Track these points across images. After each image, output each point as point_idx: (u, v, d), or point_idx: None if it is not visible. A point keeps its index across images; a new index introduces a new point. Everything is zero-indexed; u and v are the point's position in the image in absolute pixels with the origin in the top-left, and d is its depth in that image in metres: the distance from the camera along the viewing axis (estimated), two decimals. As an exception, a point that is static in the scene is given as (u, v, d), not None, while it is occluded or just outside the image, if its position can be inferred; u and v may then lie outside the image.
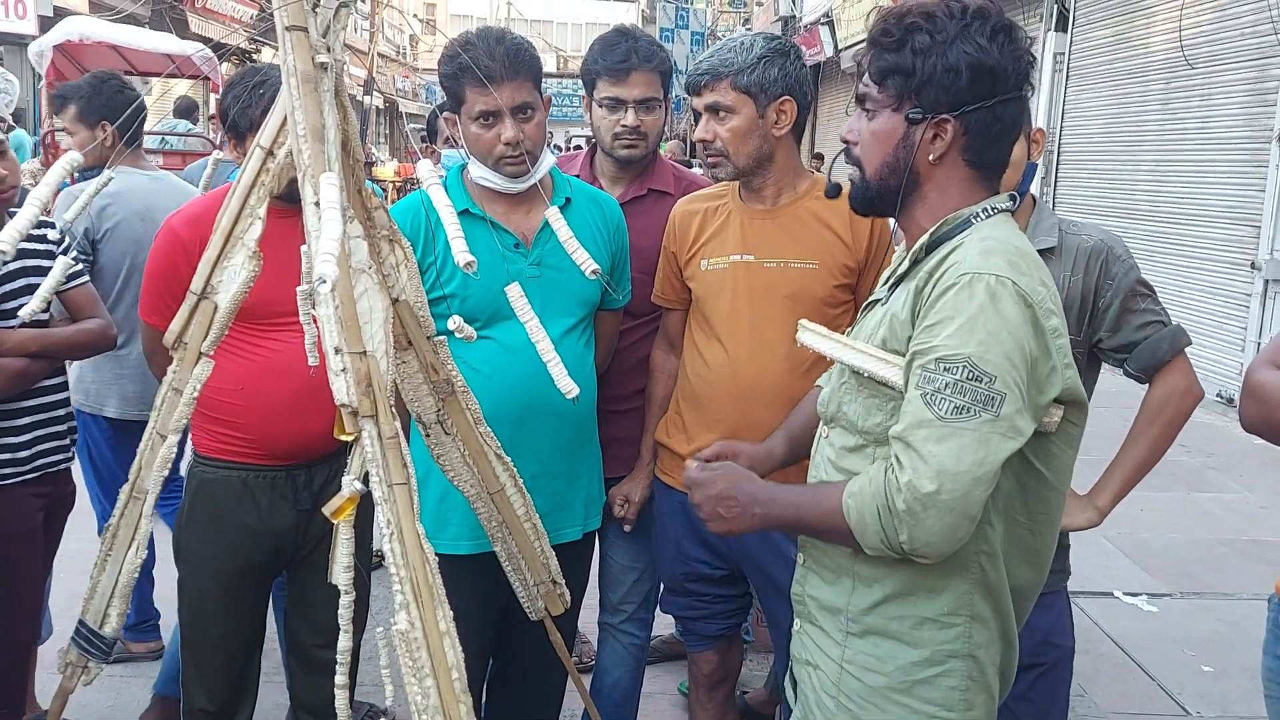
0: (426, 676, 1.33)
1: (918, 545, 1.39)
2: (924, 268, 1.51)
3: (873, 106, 1.56)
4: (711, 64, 2.25)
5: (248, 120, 2.28)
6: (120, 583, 1.65)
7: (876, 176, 1.57)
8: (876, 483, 1.42)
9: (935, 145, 1.52)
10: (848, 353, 1.55)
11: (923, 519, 1.37)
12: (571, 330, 2.34)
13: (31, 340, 2.44)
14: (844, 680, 1.58)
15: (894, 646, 1.54)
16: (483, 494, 1.94)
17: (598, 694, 2.75)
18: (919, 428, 1.39)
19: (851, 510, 1.45)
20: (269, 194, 1.55)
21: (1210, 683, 3.63)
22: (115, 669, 3.39)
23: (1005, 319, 1.39)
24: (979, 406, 1.37)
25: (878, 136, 1.55)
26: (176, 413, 1.57)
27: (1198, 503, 5.59)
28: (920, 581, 1.51)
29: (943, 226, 1.53)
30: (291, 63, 1.41)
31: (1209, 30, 8.06)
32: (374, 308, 1.44)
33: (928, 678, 1.53)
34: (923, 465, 1.37)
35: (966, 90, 1.48)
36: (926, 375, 1.40)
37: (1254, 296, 7.39)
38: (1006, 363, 1.38)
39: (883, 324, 1.55)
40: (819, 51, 17.63)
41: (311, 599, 2.42)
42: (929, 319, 1.43)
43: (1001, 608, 1.56)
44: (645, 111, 2.57)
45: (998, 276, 1.41)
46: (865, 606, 1.56)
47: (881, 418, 1.51)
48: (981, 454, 1.37)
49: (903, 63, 1.51)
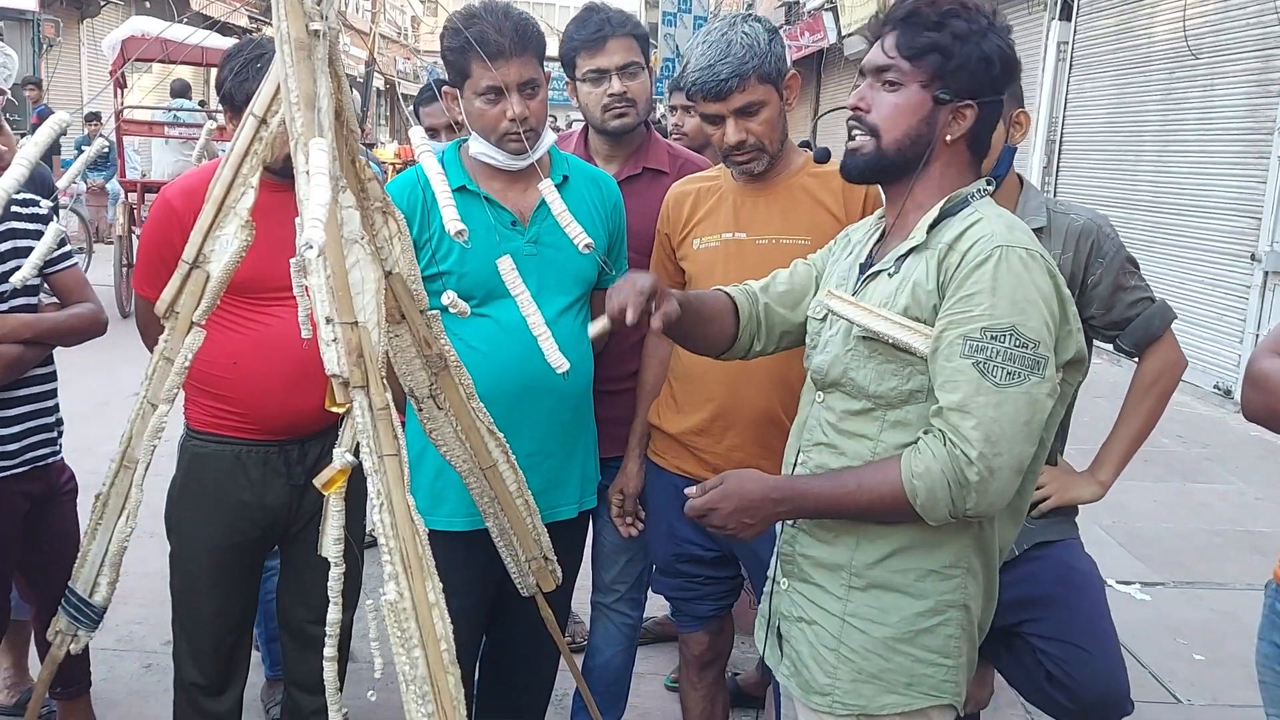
0: (415, 647, 1.33)
1: (982, 508, 1.50)
2: (939, 240, 1.57)
3: (898, 79, 1.60)
4: (733, 66, 2.13)
5: (244, 93, 2.24)
6: (110, 551, 1.65)
7: (895, 147, 1.61)
8: (941, 458, 1.48)
9: (954, 127, 1.60)
10: (875, 319, 1.58)
11: (990, 484, 1.47)
12: (569, 308, 2.33)
13: (25, 326, 2.38)
14: (846, 633, 1.65)
15: (897, 598, 1.62)
16: (475, 469, 1.94)
17: (590, 673, 2.75)
18: (978, 395, 1.46)
19: (920, 490, 1.50)
20: (261, 163, 1.54)
21: (1202, 671, 3.65)
22: (107, 642, 3.40)
23: (1039, 288, 1.49)
24: (1027, 370, 1.47)
25: (901, 109, 1.60)
26: (168, 382, 1.56)
27: (1192, 493, 5.60)
28: (925, 536, 1.59)
29: (948, 203, 1.61)
30: (285, 29, 1.40)
31: (1213, 20, 8.02)
32: (366, 278, 1.44)
33: (930, 627, 1.62)
34: (986, 431, 1.45)
35: (991, 81, 1.58)
36: (975, 344, 1.47)
37: (1253, 288, 7.37)
38: (1044, 328, 1.48)
39: (901, 293, 1.59)
40: (822, 37, 17.54)
41: (304, 575, 2.42)
42: (965, 289, 1.50)
43: (990, 562, 1.66)
44: (629, 77, 2.54)
45: (1028, 250, 1.51)
46: (871, 561, 1.63)
47: (897, 382, 1.58)
48: (1031, 413, 1.48)
49: (943, 43, 1.56)
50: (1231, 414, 7.17)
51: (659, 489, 2.48)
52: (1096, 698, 2.11)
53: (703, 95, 2.18)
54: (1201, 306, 7.90)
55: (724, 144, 2.22)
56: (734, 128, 2.19)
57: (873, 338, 1.59)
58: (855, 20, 15.32)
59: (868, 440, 1.62)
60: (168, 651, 2.61)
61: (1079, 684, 2.10)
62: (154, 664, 3.37)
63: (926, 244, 1.59)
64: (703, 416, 2.32)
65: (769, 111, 2.21)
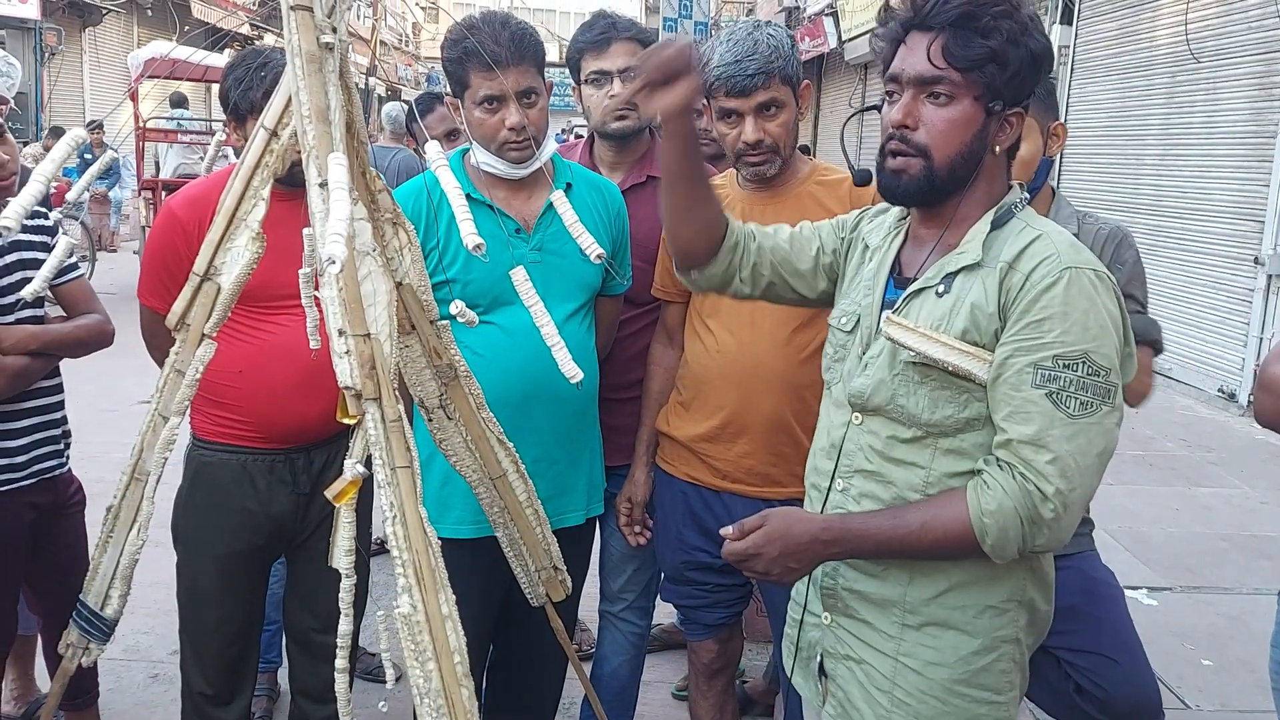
0: (429, 660, 1.33)
1: (1052, 544, 1.43)
2: (995, 258, 1.47)
3: (950, 91, 1.46)
4: (760, 63, 2.14)
5: (248, 103, 2.25)
6: (121, 564, 1.64)
7: (947, 166, 1.49)
8: (1015, 495, 1.40)
9: (1002, 137, 1.51)
10: (933, 345, 1.47)
11: (1064, 520, 1.40)
12: (574, 315, 2.33)
13: (32, 337, 2.37)
14: (900, 674, 1.56)
15: (955, 637, 1.53)
16: (484, 479, 1.94)
17: (597, 681, 2.75)
18: (1052, 428, 1.38)
19: (990, 530, 1.42)
20: (273, 175, 1.54)
21: (1210, 676, 3.63)
22: (114, 653, 3.40)
23: (1109, 312, 1.42)
24: (1099, 400, 1.39)
25: (956, 124, 1.47)
26: (179, 394, 1.56)
27: (1198, 497, 5.59)
28: (985, 571, 1.51)
29: (997, 214, 1.52)
30: (296, 43, 1.40)
31: (1214, 24, 8.03)
32: (378, 290, 1.43)
33: (985, 665, 1.54)
34: (1062, 467, 1.38)
35: (1034, 81, 1.50)
36: (1047, 374, 1.39)
37: (1257, 291, 7.37)
38: (1114, 354, 1.42)
39: (957, 315, 1.48)
40: (822, 43, 17.56)
41: (310, 584, 2.42)
42: (1033, 314, 1.41)
43: (1048, 594, 1.59)
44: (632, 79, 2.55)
45: (1096, 271, 1.44)
46: (927, 598, 1.54)
47: (953, 410, 1.49)
48: (1104, 444, 1.41)
49: (999, 50, 1.44)
50: (1235, 417, 7.16)
51: (667, 496, 2.48)
52: (1129, 708, 2.11)
53: (726, 90, 2.18)
54: (1205, 310, 7.90)
55: (740, 142, 2.22)
56: (753, 125, 2.20)
57: (927, 363, 1.48)
58: (856, 25, 15.33)
59: (919, 469, 1.52)
60: (175, 661, 2.60)
61: (1111, 695, 2.10)
62: (161, 674, 3.37)
63: (982, 261, 1.48)
64: (714, 423, 2.32)
65: (786, 114, 2.22)
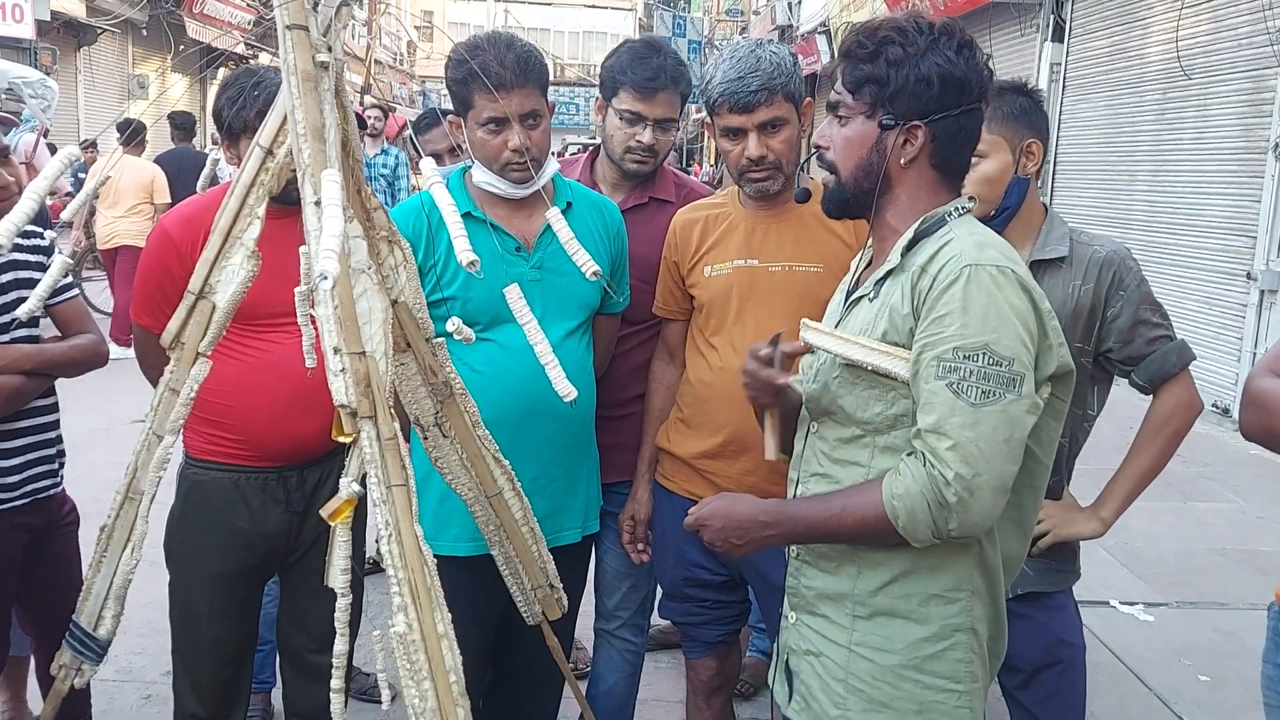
0: (425, 679, 1.32)
1: (966, 528, 1.49)
2: (913, 263, 1.58)
3: (846, 113, 1.64)
4: (762, 80, 2.15)
5: (241, 121, 2.24)
6: (115, 584, 1.63)
7: (851, 180, 1.65)
8: (920, 480, 1.48)
9: (906, 150, 1.61)
10: (852, 348, 1.59)
11: (970, 504, 1.46)
12: (572, 334, 2.33)
13: (26, 357, 2.36)
14: (853, 663, 1.64)
15: (903, 625, 1.61)
16: (480, 497, 1.93)
17: (594, 700, 2.73)
18: (952, 416, 1.46)
19: (900, 512, 1.51)
20: (268, 194, 1.54)
21: (1206, 692, 3.63)
22: (107, 673, 3.37)
23: (1012, 305, 1.49)
24: (1003, 389, 1.46)
25: (851, 142, 1.64)
26: (173, 413, 1.56)
27: (1194, 512, 5.58)
28: (926, 560, 1.59)
29: (922, 225, 1.61)
30: (292, 61, 1.40)
31: (1206, 41, 8.08)
32: (373, 308, 1.44)
33: (936, 652, 1.61)
34: (963, 453, 1.45)
35: (936, 99, 1.58)
36: (948, 365, 1.48)
37: (1249, 307, 7.39)
38: (1020, 345, 1.48)
39: (880, 318, 1.60)
40: (815, 60, 17.65)
41: (304, 603, 2.40)
42: (936, 311, 1.50)
43: (994, 582, 1.65)
44: (662, 131, 2.54)
45: (999, 267, 1.51)
46: (873, 589, 1.63)
47: (881, 408, 1.59)
48: (1010, 431, 1.47)
49: (877, 73, 1.59)
50: (1230, 432, 7.17)
51: (667, 512, 2.47)
52: None
53: (730, 106, 2.19)
54: (1198, 325, 7.91)
55: (743, 159, 2.22)
56: (756, 142, 2.20)
57: (854, 365, 1.60)
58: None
59: (860, 468, 1.63)
60: (167, 682, 2.58)
61: None
62: (154, 694, 3.34)
63: (902, 267, 1.60)
64: (716, 441, 2.31)
65: (789, 131, 2.23)
